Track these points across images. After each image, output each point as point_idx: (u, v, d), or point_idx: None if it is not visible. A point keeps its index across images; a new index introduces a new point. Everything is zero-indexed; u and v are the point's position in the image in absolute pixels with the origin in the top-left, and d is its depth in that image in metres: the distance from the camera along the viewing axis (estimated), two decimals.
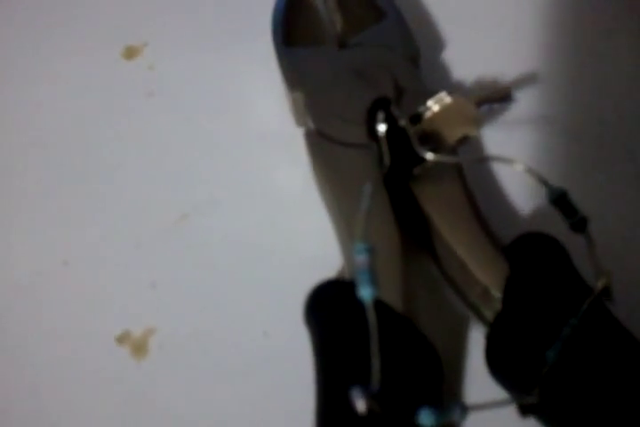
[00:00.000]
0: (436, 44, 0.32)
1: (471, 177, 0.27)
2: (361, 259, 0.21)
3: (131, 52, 0.33)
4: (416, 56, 0.29)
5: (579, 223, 0.23)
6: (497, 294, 0.24)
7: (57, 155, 0.31)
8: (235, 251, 0.29)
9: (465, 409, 0.21)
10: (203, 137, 0.31)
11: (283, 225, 0.29)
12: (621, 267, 0.24)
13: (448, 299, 0.27)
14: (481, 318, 0.26)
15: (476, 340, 0.26)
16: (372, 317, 0.20)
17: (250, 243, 0.29)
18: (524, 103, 0.30)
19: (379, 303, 0.23)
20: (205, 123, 0.31)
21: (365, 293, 0.20)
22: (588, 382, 0.22)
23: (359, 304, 0.21)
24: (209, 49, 0.32)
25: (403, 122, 0.24)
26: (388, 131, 0.25)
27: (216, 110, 0.31)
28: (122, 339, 0.27)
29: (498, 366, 0.24)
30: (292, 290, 0.25)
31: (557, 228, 0.23)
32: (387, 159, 0.25)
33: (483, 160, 0.27)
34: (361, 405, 0.19)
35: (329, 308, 0.24)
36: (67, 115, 0.32)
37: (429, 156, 0.24)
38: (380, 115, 0.25)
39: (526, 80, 0.31)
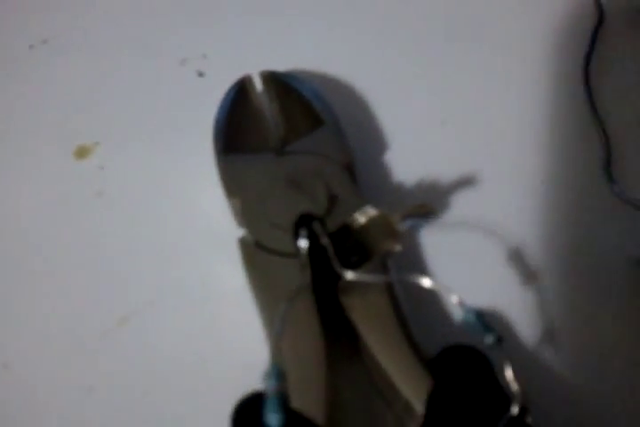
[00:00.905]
0: (376, 148, 0.33)
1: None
2: (270, 385, 0.21)
3: (82, 152, 0.34)
4: (351, 163, 0.30)
5: (494, 343, 0.23)
6: (419, 408, 0.25)
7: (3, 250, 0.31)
8: (172, 355, 0.29)
9: None
10: (146, 237, 0.31)
11: (221, 330, 0.29)
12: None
13: (379, 411, 0.27)
14: None
15: None
16: None
17: (186, 349, 0.29)
18: (462, 205, 0.31)
19: (297, 416, 0.24)
20: (150, 222, 0.32)
21: (272, 421, 0.21)
22: None
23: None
24: (157, 148, 0.33)
25: (324, 240, 0.25)
26: (310, 247, 0.25)
27: (161, 210, 0.32)
28: None
29: None
30: (228, 398, 0.25)
31: None
32: (307, 274, 0.25)
33: (395, 279, 0.27)
34: None
35: (249, 421, 0.24)
36: (20, 210, 0.32)
37: (349, 275, 0.25)
38: (303, 231, 0.25)
39: (464, 183, 0.32)
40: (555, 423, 0.25)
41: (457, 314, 0.28)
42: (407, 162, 0.32)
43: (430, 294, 0.29)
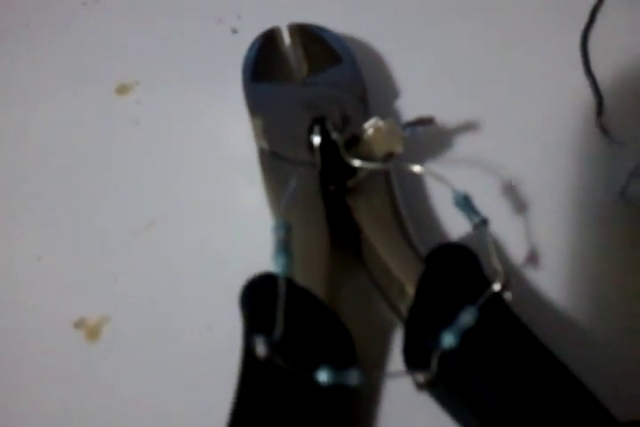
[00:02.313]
0: (388, 94, 0.36)
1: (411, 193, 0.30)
2: (279, 234, 0.24)
3: (123, 89, 0.37)
4: (364, 97, 0.33)
5: (480, 224, 0.26)
6: (411, 290, 0.27)
7: (53, 166, 0.35)
8: (192, 256, 0.32)
9: (361, 374, 0.23)
10: (176, 159, 0.35)
11: (237, 236, 0.32)
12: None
13: (375, 301, 0.30)
14: (399, 315, 0.28)
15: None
16: (281, 281, 0.23)
17: (206, 250, 0.32)
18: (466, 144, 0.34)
19: (300, 290, 0.26)
20: (180, 148, 0.35)
21: (278, 262, 0.24)
22: (481, 364, 0.25)
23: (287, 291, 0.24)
24: (189, 89, 0.37)
25: (335, 135, 0.28)
26: (322, 143, 0.28)
27: (189, 137, 0.35)
28: (78, 324, 0.30)
29: (407, 351, 0.26)
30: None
31: None
32: (319, 167, 0.28)
33: (388, 167, 0.30)
34: (261, 349, 0.22)
35: (258, 294, 0.27)
36: (63, 134, 0.36)
37: (356, 162, 0.28)
38: (316, 128, 0.29)
39: (469, 126, 0.35)
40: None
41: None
42: (416, 108, 0.35)
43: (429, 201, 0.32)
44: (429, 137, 0.34)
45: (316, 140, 0.29)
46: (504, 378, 0.25)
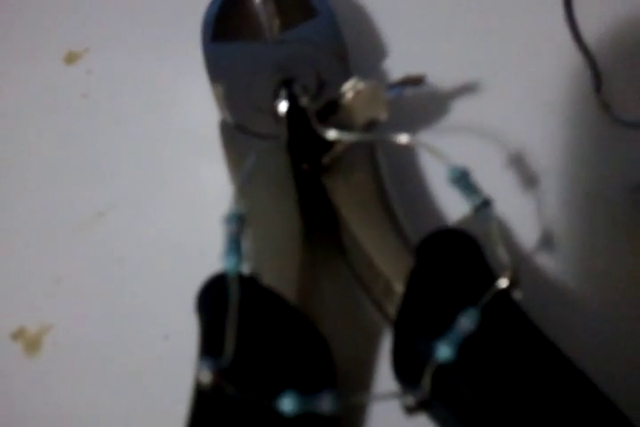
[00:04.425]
0: (374, 54, 0.31)
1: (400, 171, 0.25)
2: (230, 227, 0.19)
3: (71, 57, 0.33)
4: (344, 54, 0.28)
5: (481, 206, 0.21)
6: (399, 287, 0.22)
7: None
8: (146, 251, 0.27)
9: (336, 399, 0.19)
10: (130, 135, 0.30)
11: (197, 227, 0.27)
12: None
13: (357, 298, 0.25)
14: (385, 315, 0.24)
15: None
16: (233, 286, 0.19)
17: (163, 245, 0.27)
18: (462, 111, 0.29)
19: (268, 292, 0.22)
20: (134, 123, 0.30)
21: (229, 262, 0.19)
22: (485, 379, 0.20)
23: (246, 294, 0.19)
24: (143, 55, 0.32)
25: (304, 101, 0.23)
26: (289, 110, 0.23)
27: (145, 110, 0.31)
28: (17, 335, 0.26)
29: (396, 362, 0.22)
30: None
31: None
32: (284, 139, 0.24)
33: (370, 138, 0.25)
34: (204, 376, 0.17)
35: (215, 299, 0.22)
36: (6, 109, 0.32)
37: (330, 134, 0.23)
38: (282, 93, 0.24)
39: (465, 88, 0.30)
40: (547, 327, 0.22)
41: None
42: (407, 69, 0.30)
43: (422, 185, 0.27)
44: (420, 101, 0.29)
45: (282, 106, 0.24)
46: (513, 395, 0.20)
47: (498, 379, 0.20)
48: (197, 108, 0.30)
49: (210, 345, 0.20)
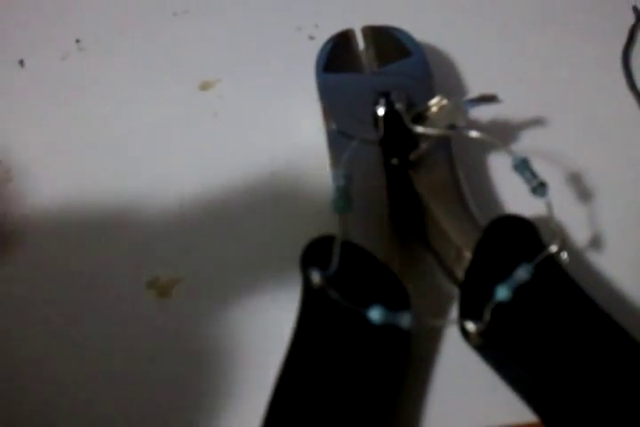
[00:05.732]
0: (454, 88, 0.38)
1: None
2: (338, 181, 0.25)
3: (205, 85, 0.40)
4: (432, 86, 0.34)
5: (538, 187, 0.27)
6: (468, 255, 0.28)
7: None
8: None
9: (413, 318, 0.24)
10: (250, 147, 0.37)
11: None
12: None
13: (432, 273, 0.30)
14: (454, 280, 0.29)
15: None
16: (341, 221, 0.24)
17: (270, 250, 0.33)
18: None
19: (357, 246, 0.27)
20: (254, 136, 0.37)
21: (339, 204, 0.25)
22: (534, 319, 0.25)
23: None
24: (268, 86, 0.39)
25: (399, 106, 0.30)
26: (386, 113, 0.30)
27: (264, 126, 0.38)
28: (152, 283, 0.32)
29: (462, 306, 0.27)
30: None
31: None
32: (379, 137, 0.30)
33: (448, 133, 0.30)
34: (315, 278, 0.23)
35: (317, 252, 0.28)
36: (150, 125, 0.39)
37: (419, 128, 0.29)
38: (381, 100, 0.30)
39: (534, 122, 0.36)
40: None
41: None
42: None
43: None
44: (496, 129, 0.35)
45: (380, 110, 0.30)
46: (557, 334, 0.25)
47: (545, 321, 0.25)
48: (306, 127, 0.36)
49: (318, 260, 0.25)
